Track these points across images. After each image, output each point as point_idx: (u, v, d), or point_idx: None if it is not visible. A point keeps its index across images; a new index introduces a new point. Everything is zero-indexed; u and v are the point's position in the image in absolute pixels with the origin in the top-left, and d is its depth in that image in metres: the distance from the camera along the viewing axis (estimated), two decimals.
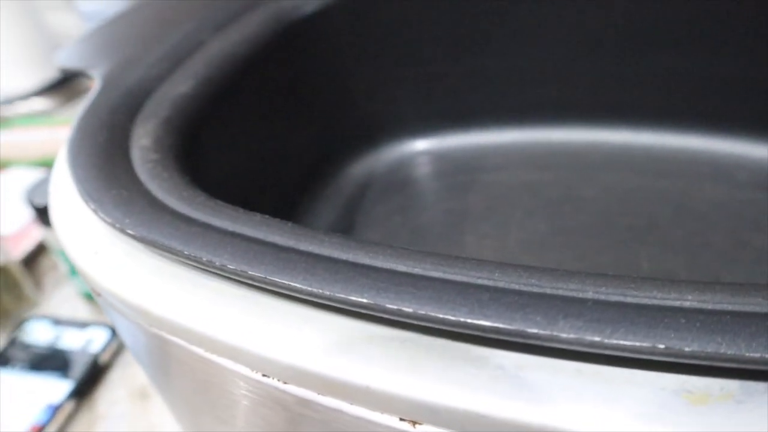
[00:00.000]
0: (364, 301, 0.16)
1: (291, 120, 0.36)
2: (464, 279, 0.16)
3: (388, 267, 0.17)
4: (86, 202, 0.21)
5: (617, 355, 0.14)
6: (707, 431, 0.13)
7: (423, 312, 0.15)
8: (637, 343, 0.14)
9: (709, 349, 0.13)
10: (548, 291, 0.15)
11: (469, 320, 0.15)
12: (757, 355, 0.13)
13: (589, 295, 0.15)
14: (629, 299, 0.15)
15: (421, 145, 0.42)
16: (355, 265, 0.17)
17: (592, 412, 0.14)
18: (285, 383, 0.17)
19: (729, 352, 0.13)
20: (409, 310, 0.15)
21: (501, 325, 0.15)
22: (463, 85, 0.40)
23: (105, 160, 0.23)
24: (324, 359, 0.16)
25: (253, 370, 0.17)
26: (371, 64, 0.39)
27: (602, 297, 0.15)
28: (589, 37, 0.36)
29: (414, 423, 0.16)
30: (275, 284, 0.17)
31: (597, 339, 0.14)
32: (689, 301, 0.15)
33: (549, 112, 0.40)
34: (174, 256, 0.19)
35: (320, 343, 0.17)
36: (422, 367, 0.16)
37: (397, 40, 0.39)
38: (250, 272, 0.17)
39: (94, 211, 0.20)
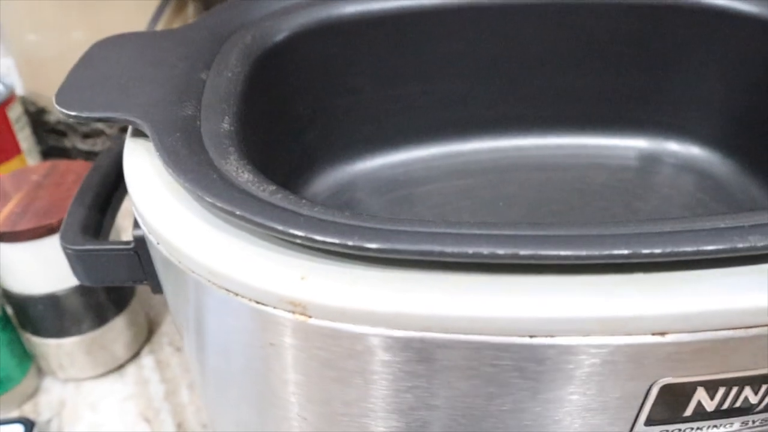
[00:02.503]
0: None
1: (264, 151, 0.38)
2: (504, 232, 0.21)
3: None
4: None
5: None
6: None
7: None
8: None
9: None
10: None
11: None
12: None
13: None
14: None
15: (354, 168, 0.46)
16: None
17: None
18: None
19: None
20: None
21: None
22: (385, 111, 0.46)
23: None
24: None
25: None
26: (310, 96, 0.43)
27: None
28: (490, 64, 0.45)
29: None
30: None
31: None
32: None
33: (460, 128, 0.47)
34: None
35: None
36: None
37: (331, 74, 0.43)
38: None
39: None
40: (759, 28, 0.39)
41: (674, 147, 0.45)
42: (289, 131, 0.42)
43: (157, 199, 0.26)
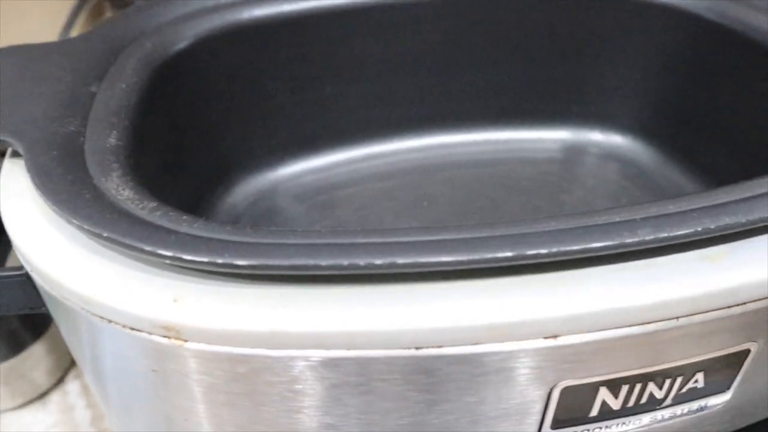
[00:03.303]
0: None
1: (169, 164, 0.37)
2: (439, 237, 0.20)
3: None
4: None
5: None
6: None
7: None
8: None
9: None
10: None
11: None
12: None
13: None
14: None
15: (272, 175, 0.45)
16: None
17: None
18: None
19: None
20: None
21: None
22: (303, 115, 0.44)
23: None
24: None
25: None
26: (220, 103, 0.41)
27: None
28: (406, 64, 0.44)
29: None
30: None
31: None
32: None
33: (381, 129, 0.46)
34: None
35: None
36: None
37: (242, 79, 0.41)
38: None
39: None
40: (673, 16, 0.39)
41: (597, 137, 0.44)
42: (200, 140, 0.40)
43: (27, 223, 0.24)
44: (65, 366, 0.49)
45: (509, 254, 0.19)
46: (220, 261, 0.19)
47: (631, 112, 0.44)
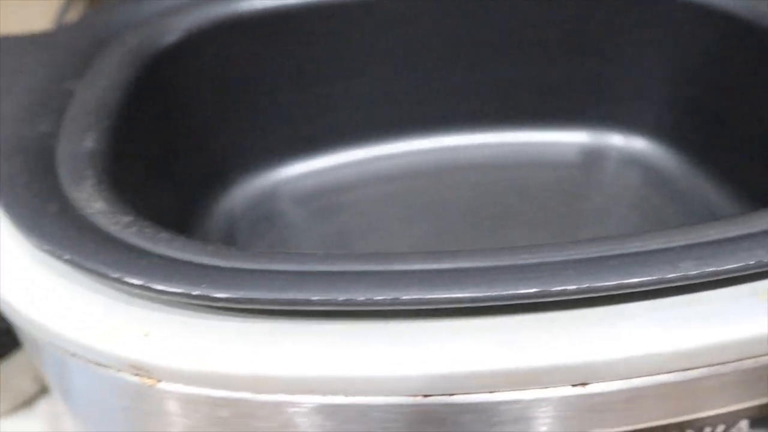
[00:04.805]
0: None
1: (155, 166, 0.34)
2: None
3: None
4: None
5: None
6: None
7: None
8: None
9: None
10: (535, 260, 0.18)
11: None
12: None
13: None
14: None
15: (272, 177, 0.42)
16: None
17: None
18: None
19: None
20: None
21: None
22: (306, 113, 0.42)
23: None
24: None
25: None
26: (215, 100, 0.38)
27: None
28: (415, 60, 0.41)
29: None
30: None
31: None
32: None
33: (389, 128, 0.43)
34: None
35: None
36: None
37: (239, 75, 0.39)
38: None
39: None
40: (701, 12, 0.36)
41: (618, 140, 0.41)
42: (193, 141, 0.37)
43: None
44: None
45: (532, 290, 0.17)
46: (195, 293, 0.17)
47: (654, 115, 0.41)
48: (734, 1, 0.34)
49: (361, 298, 0.16)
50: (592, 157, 0.42)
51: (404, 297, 0.16)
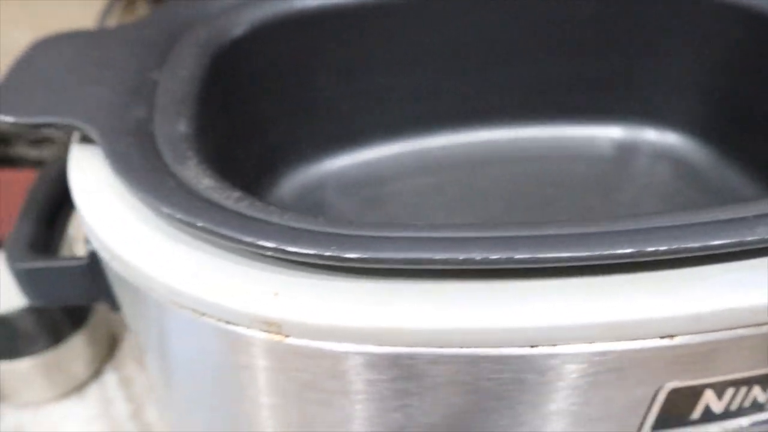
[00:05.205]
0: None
1: (223, 155, 0.36)
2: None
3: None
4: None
5: None
6: None
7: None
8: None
9: None
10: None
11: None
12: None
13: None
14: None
15: (321, 168, 0.44)
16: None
17: None
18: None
19: None
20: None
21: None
22: (351, 107, 0.43)
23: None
24: None
25: None
26: (272, 93, 0.40)
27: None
28: (457, 55, 0.43)
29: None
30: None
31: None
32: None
33: (430, 122, 0.45)
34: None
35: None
36: None
37: (293, 69, 0.40)
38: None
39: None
40: (726, 13, 0.38)
41: (651, 135, 0.43)
42: (251, 132, 0.39)
43: (107, 212, 0.23)
44: (102, 358, 0.49)
45: (629, 250, 0.19)
46: (326, 254, 0.18)
47: (685, 110, 0.43)
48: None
49: (479, 257, 0.18)
50: (625, 151, 0.44)
51: (517, 256, 0.18)
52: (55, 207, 0.34)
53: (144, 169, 0.23)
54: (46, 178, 0.35)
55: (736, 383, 0.21)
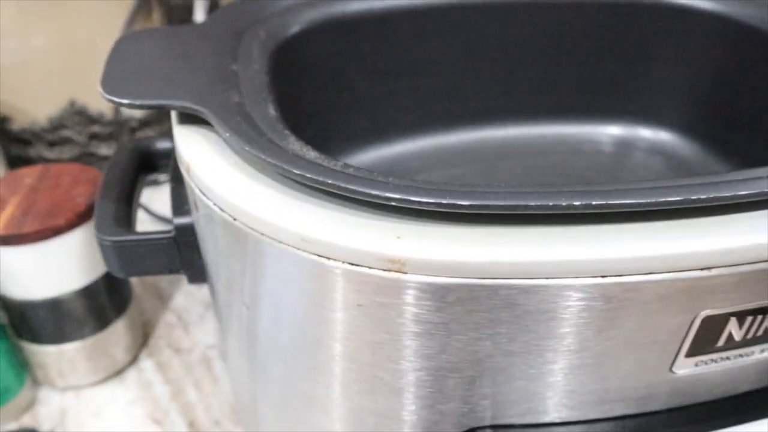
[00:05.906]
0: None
1: None
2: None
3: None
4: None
5: None
6: None
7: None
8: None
9: None
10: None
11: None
12: None
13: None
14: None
15: (349, 163, 0.48)
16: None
17: None
18: None
19: None
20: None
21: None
22: (378, 107, 0.48)
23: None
24: None
25: None
26: (312, 93, 0.44)
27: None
28: (475, 59, 0.48)
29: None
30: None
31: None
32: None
33: (448, 120, 0.50)
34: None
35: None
36: None
37: (332, 70, 0.45)
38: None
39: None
40: (717, 23, 0.44)
41: (645, 133, 0.49)
42: (294, 125, 0.43)
43: (230, 179, 0.27)
44: (139, 344, 0.51)
45: (677, 198, 0.24)
46: (444, 201, 0.23)
47: (676, 111, 0.49)
48: (747, 12, 0.42)
49: (565, 203, 0.23)
50: (622, 147, 0.50)
51: (594, 202, 0.23)
52: (130, 188, 0.38)
53: (262, 141, 0.27)
54: (118, 164, 0.38)
55: (754, 312, 0.26)
